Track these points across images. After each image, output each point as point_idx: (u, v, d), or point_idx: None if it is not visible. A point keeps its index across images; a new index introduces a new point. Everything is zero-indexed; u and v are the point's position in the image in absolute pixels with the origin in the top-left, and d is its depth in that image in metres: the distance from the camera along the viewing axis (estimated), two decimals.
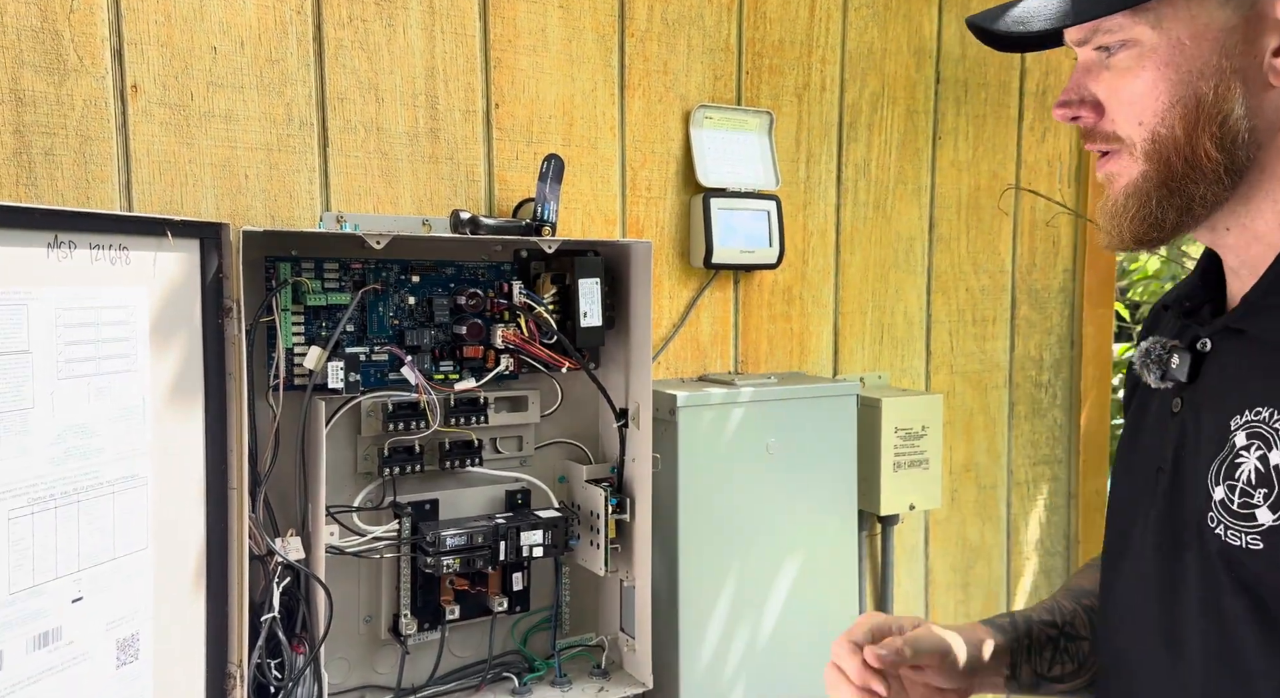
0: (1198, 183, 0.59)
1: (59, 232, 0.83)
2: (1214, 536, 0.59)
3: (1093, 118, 0.63)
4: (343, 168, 1.18)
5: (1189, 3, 0.56)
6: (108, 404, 0.88)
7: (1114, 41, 0.59)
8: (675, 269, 1.48)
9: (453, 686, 1.20)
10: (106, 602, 0.88)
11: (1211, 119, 0.57)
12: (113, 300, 0.89)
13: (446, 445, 1.20)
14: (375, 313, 1.14)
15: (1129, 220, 0.61)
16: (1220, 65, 0.56)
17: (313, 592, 1.05)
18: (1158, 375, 0.67)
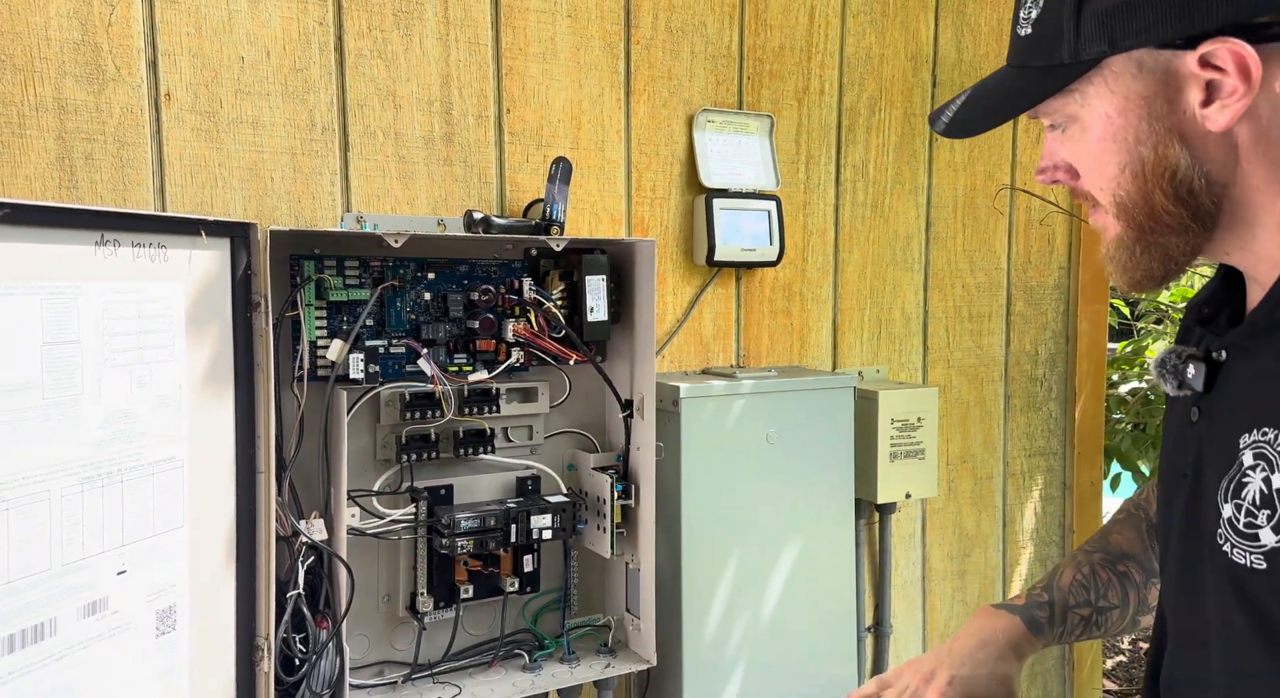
0: (1166, 235, 0.61)
1: (105, 231, 0.90)
2: (1222, 553, 0.61)
3: (1071, 180, 0.66)
4: (362, 171, 1.25)
5: (1107, 79, 0.60)
6: (148, 392, 0.94)
7: (1058, 120, 0.64)
8: (679, 267, 1.54)
9: (467, 662, 1.27)
10: (148, 575, 0.95)
11: (1160, 178, 0.60)
12: (153, 295, 0.95)
13: (460, 434, 1.26)
14: (393, 308, 1.21)
15: (1122, 269, 0.65)
16: (1154, 128, 0.59)
17: (335, 570, 1.11)
18: (1174, 385, 0.68)
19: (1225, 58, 0.56)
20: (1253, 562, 0.58)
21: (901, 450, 1.64)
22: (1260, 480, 0.57)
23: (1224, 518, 0.60)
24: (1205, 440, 0.64)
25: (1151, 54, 0.58)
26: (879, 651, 1.73)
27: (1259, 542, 0.57)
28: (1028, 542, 1.96)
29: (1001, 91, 0.65)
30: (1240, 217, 0.61)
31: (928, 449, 1.66)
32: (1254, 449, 0.59)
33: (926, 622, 1.84)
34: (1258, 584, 0.58)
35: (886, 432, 1.62)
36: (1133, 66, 0.59)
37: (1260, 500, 0.57)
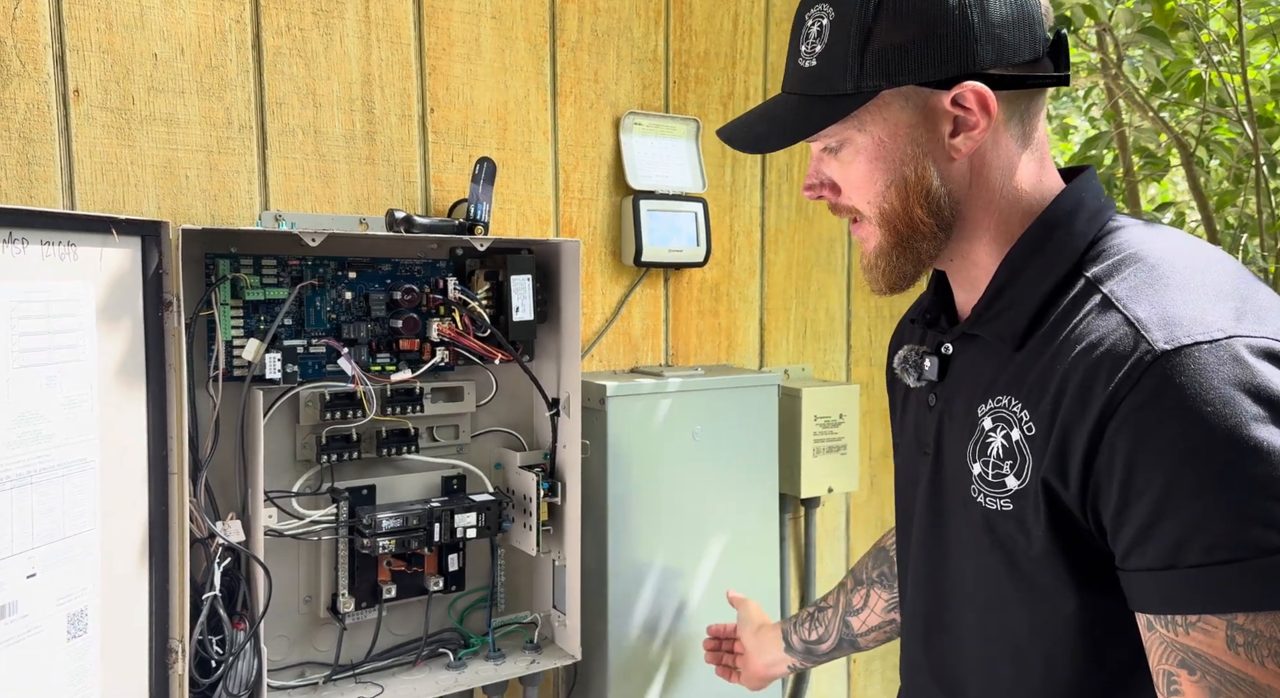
0: (920, 242, 0.74)
1: (12, 228, 0.88)
2: (976, 504, 0.72)
3: (833, 196, 0.77)
4: (281, 169, 1.24)
5: (882, 109, 0.71)
6: (58, 393, 0.93)
7: (834, 142, 0.74)
8: (607, 267, 1.56)
9: (390, 661, 1.27)
10: (58, 578, 0.93)
11: (918, 194, 0.72)
12: (62, 295, 0.93)
13: (384, 434, 1.26)
14: (313, 307, 1.20)
15: (881, 274, 0.76)
16: (914, 152, 0.71)
17: (252, 572, 1.11)
18: (915, 377, 0.81)
19: (970, 98, 0.69)
20: (1001, 506, 0.70)
21: (824, 446, 1.69)
22: (1001, 438, 0.70)
23: (974, 475, 0.72)
24: (944, 418, 0.77)
25: (916, 91, 0.70)
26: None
27: (1005, 488, 0.69)
28: None
29: (791, 116, 0.74)
30: (966, 230, 0.74)
31: (849, 445, 1.71)
32: (992, 415, 0.71)
33: None
34: (1005, 522, 0.70)
35: (810, 428, 1.67)
36: (900, 99, 0.71)
37: (1004, 454, 0.69)
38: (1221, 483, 0.55)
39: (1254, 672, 0.54)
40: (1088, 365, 0.63)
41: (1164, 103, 2.27)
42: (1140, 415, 0.59)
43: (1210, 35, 2.26)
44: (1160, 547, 0.58)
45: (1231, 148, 2.26)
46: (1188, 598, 0.57)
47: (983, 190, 0.73)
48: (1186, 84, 2.21)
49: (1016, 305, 0.71)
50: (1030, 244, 0.72)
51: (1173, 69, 2.16)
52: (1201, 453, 0.56)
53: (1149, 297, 0.63)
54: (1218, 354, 0.58)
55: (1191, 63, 2.17)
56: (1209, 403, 0.56)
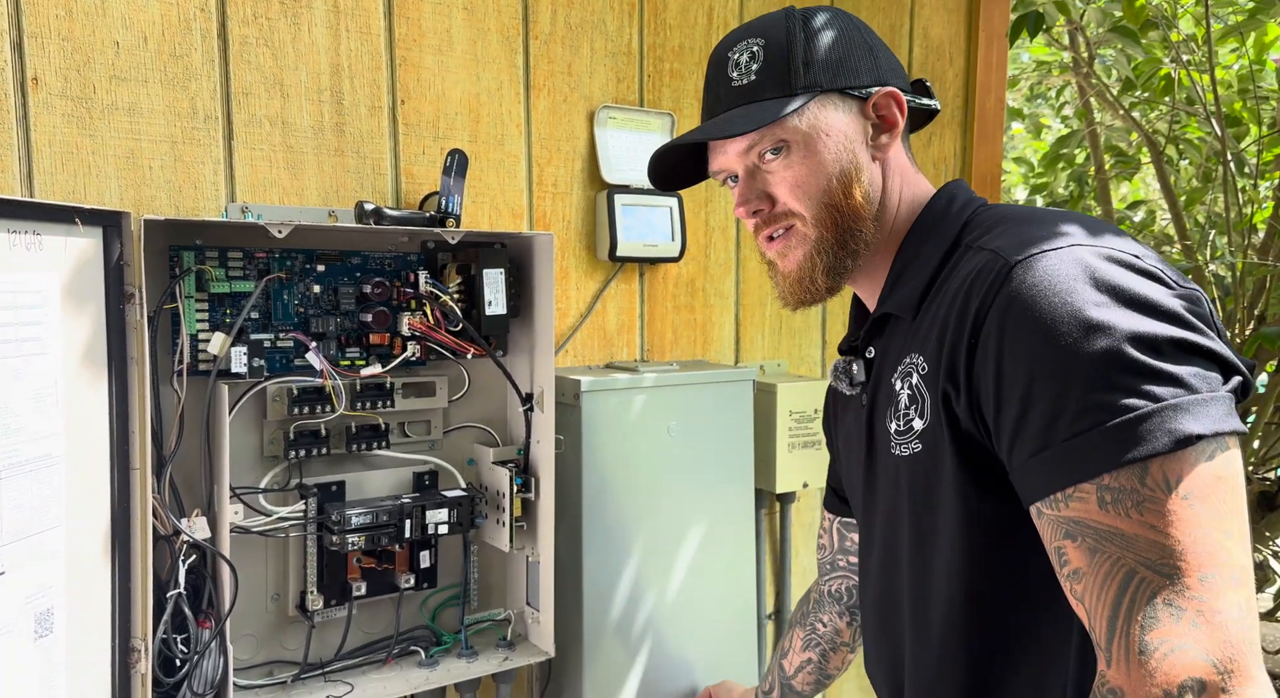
0: (861, 228, 0.82)
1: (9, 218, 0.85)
2: (893, 457, 0.79)
3: (768, 207, 0.84)
4: (248, 160, 1.22)
5: (822, 109, 0.82)
6: (24, 386, 0.90)
7: (771, 145, 0.82)
8: (582, 262, 1.55)
9: (360, 660, 1.25)
10: (26, 577, 0.91)
11: (859, 181, 0.82)
12: (28, 285, 0.91)
13: (353, 429, 1.24)
14: (280, 301, 1.18)
15: (820, 275, 0.83)
16: (850, 147, 0.82)
17: (218, 569, 1.09)
18: (847, 383, 0.89)
19: (887, 102, 0.83)
20: (913, 449, 0.76)
21: (799, 441, 1.69)
22: (907, 388, 0.77)
23: (890, 433, 0.80)
24: (873, 409, 0.85)
25: (844, 97, 0.82)
26: (779, 637, 1.78)
27: (913, 430, 0.76)
28: None
29: (736, 119, 0.81)
30: (881, 218, 0.84)
31: (823, 440, 1.71)
32: (900, 377, 0.79)
33: None
34: (918, 464, 0.76)
35: (785, 423, 1.67)
36: (834, 102, 0.82)
37: (909, 401, 0.76)
38: (1073, 361, 0.61)
39: (1121, 524, 0.59)
40: (962, 294, 0.71)
41: (1135, 102, 2.30)
42: (1002, 318, 0.66)
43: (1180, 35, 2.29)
44: (1033, 434, 0.63)
45: (1200, 146, 2.29)
46: (1061, 473, 0.62)
47: (888, 194, 0.84)
48: (1156, 83, 2.24)
49: (911, 282, 0.81)
50: (918, 234, 0.83)
51: (1143, 68, 2.19)
52: (1052, 338, 0.62)
53: (1009, 232, 0.72)
54: (1062, 257, 0.65)
55: (1161, 62, 2.19)
56: (1055, 294, 0.63)
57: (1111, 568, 0.60)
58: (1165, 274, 0.66)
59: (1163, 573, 0.57)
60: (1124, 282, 0.63)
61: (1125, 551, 0.59)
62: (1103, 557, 0.60)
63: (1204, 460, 0.58)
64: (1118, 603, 0.59)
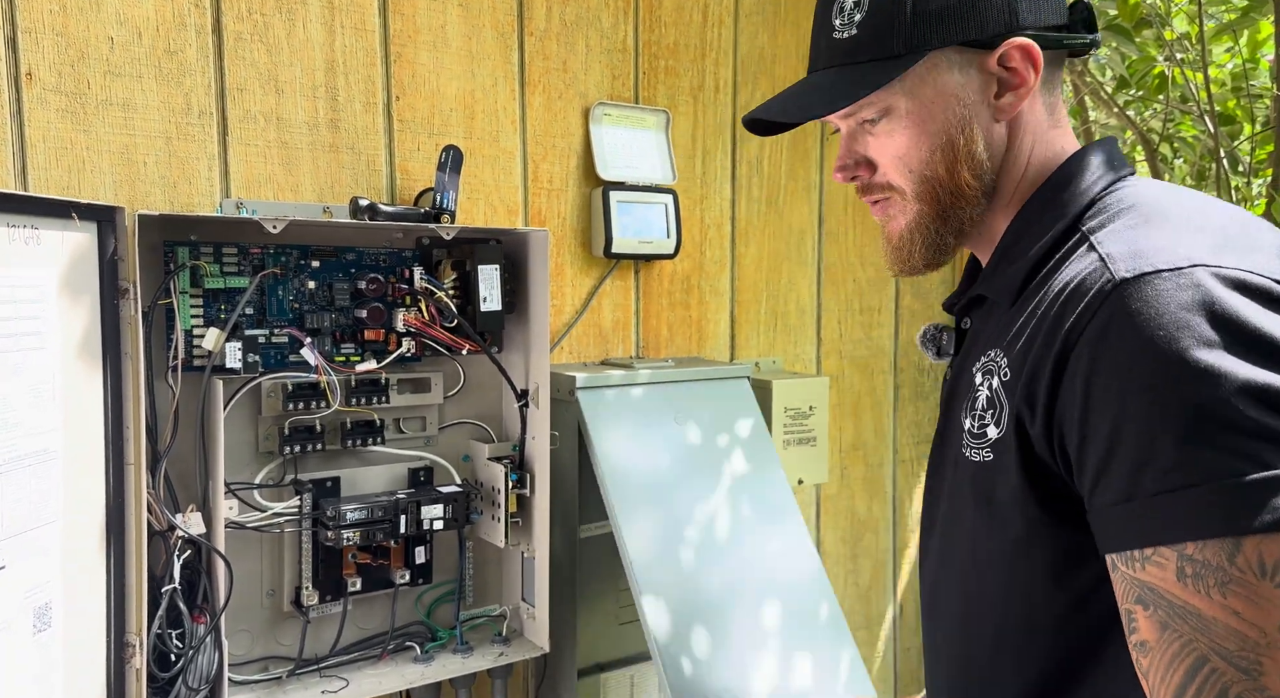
0: (964, 208, 0.73)
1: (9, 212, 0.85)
2: (965, 459, 0.70)
3: (868, 174, 0.76)
4: (243, 156, 1.22)
5: (928, 72, 0.71)
6: (22, 380, 0.90)
7: (873, 114, 0.73)
8: (577, 258, 1.56)
9: (355, 655, 1.25)
10: (24, 572, 0.91)
11: (966, 156, 0.71)
12: (26, 279, 0.91)
13: (348, 425, 1.24)
14: (275, 296, 1.18)
15: (918, 250, 0.75)
16: (962, 114, 0.71)
17: (213, 564, 1.09)
18: (934, 352, 0.82)
19: (1017, 56, 0.69)
20: (984, 456, 0.68)
21: (794, 438, 1.69)
22: (986, 389, 0.68)
23: (965, 430, 0.71)
24: (953, 393, 0.76)
25: (961, 51, 0.70)
26: None
27: (987, 437, 0.68)
28: (916, 526, 2.05)
29: (835, 84, 0.72)
30: (996, 198, 0.74)
31: (819, 436, 1.72)
32: (982, 370, 0.70)
33: None
34: (987, 474, 0.68)
35: (780, 420, 1.67)
36: (945, 62, 0.70)
37: (987, 404, 0.68)
38: (1171, 406, 0.53)
39: (1199, 603, 0.52)
40: (1058, 303, 0.62)
41: (1129, 100, 2.31)
42: (1096, 346, 0.58)
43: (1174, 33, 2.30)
44: (1117, 479, 0.56)
45: (1194, 144, 2.30)
46: (1141, 530, 0.55)
47: (1015, 155, 0.73)
48: (1150, 81, 2.25)
49: (1016, 263, 0.71)
50: (1036, 205, 0.72)
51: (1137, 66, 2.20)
52: (1150, 377, 0.54)
53: (1126, 235, 0.62)
54: (1178, 281, 0.56)
55: (1155, 60, 2.20)
56: (1161, 328, 0.54)
57: (1181, 650, 0.53)
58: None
59: (1239, 667, 0.50)
60: (1249, 318, 0.54)
61: (1199, 633, 0.52)
62: (1173, 634, 0.53)
63: None
64: (1182, 690, 0.53)
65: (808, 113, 0.74)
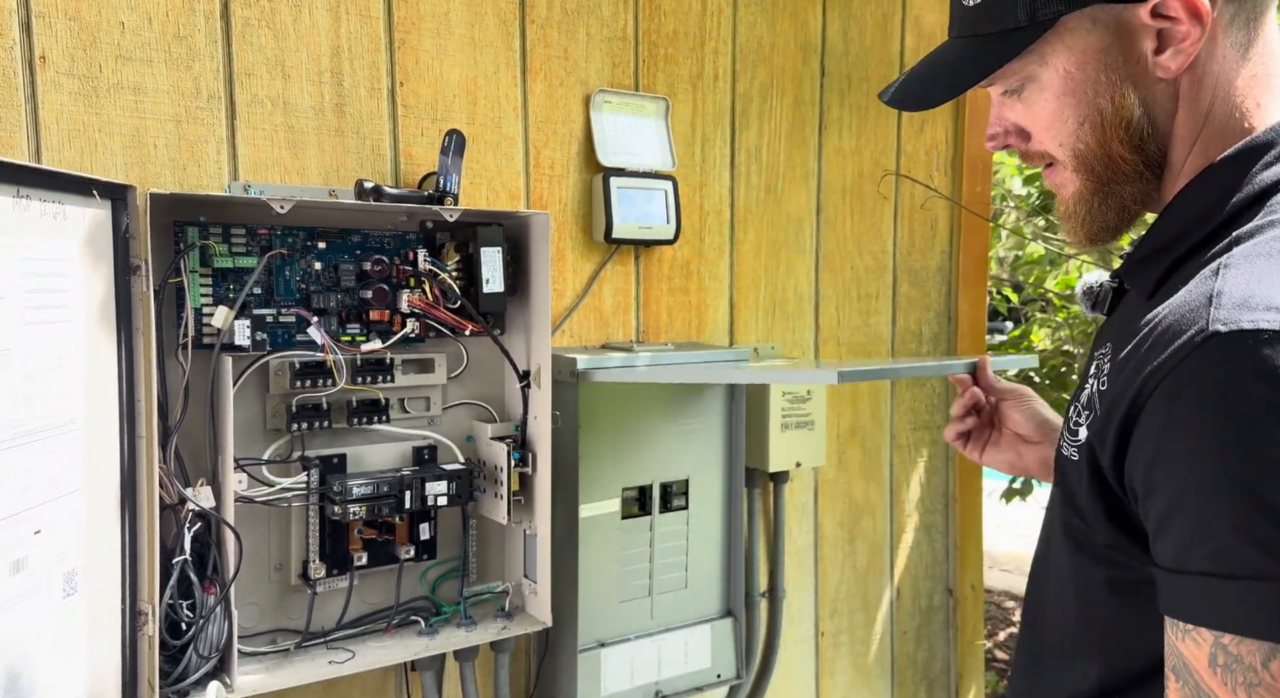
0: (1123, 184, 0.65)
1: (20, 185, 0.87)
2: (1060, 449, 0.67)
3: (1021, 143, 0.69)
4: (250, 140, 1.25)
5: (1064, 37, 0.62)
6: (52, 353, 0.93)
7: (1014, 83, 0.66)
8: (578, 243, 1.58)
9: (361, 629, 1.28)
10: (56, 537, 0.94)
11: (1117, 127, 0.63)
12: (55, 253, 0.94)
13: (354, 404, 1.27)
14: (282, 277, 1.21)
15: (1081, 224, 0.68)
16: (1110, 79, 0.62)
17: (222, 536, 1.11)
18: (1089, 306, 0.75)
19: (1176, 6, 0.59)
20: (1071, 454, 0.64)
21: (792, 421, 1.72)
22: (1091, 387, 0.62)
23: (1069, 416, 0.66)
24: (1089, 354, 0.70)
25: (1104, 9, 0.61)
26: (773, 614, 1.81)
27: (1078, 437, 0.63)
28: (913, 510, 2.08)
29: (959, 61, 0.67)
30: (1170, 164, 0.65)
31: (817, 420, 1.74)
32: (1095, 362, 0.64)
33: (819, 586, 1.93)
34: (1072, 470, 0.64)
35: (778, 404, 1.70)
36: (1087, 22, 0.62)
37: (1086, 403, 0.62)
38: (1231, 493, 0.49)
39: (1223, 695, 0.50)
40: (1158, 333, 0.55)
41: None
42: (1172, 403, 0.52)
43: None
44: (1170, 546, 0.53)
45: None
46: (1184, 605, 0.53)
47: (1191, 115, 0.62)
48: None
49: (1161, 254, 0.63)
50: (1206, 182, 0.61)
51: None
52: (1218, 457, 0.50)
53: (1255, 268, 0.53)
54: (1275, 347, 0.49)
55: None
56: (1242, 401, 0.49)
57: None
58: None
59: None
60: None
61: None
62: None
63: None
64: None
65: (928, 100, 0.69)
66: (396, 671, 1.42)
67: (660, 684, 1.52)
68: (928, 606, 2.11)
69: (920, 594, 2.10)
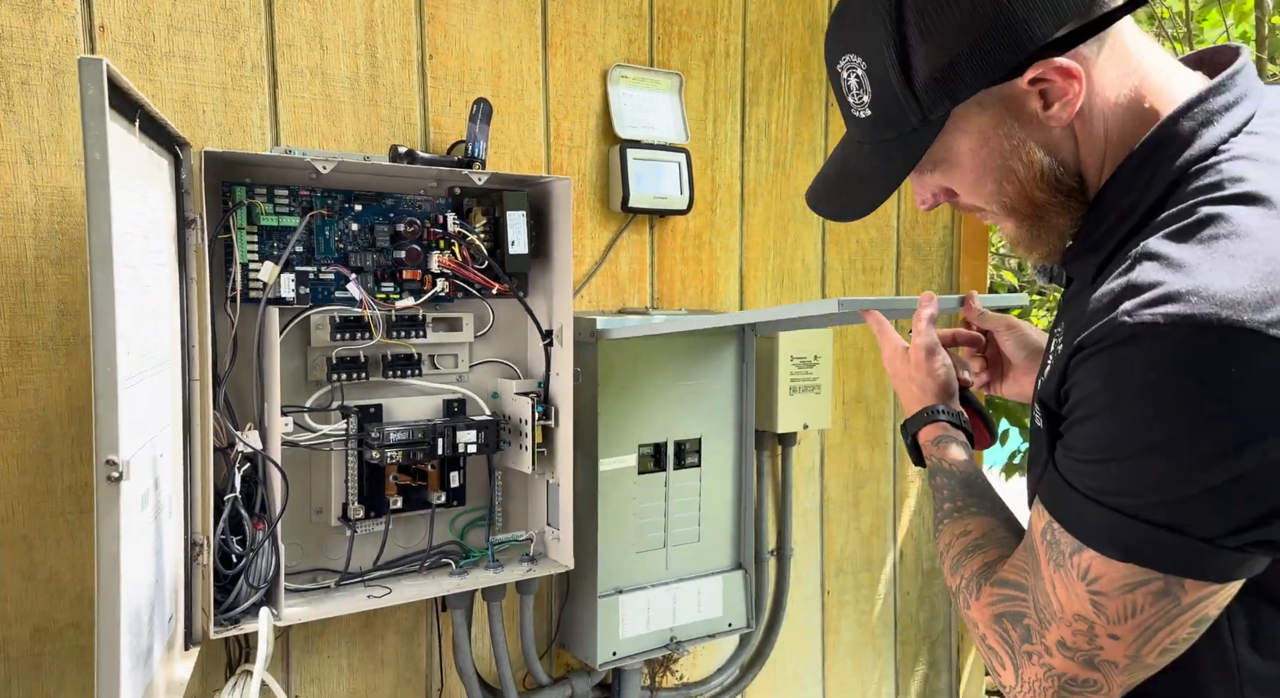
0: (1052, 217, 0.71)
1: (134, 123, 0.92)
2: (1032, 424, 0.74)
3: (951, 198, 0.75)
4: (291, 107, 1.32)
5: (960, 125, 0.68)
6: (154, 295, 0.98)
7: (929, 167, 0.72)
8: (596, 213, 1.65)
9: (396, 570, 1.36)
10: (167, 463, 1.01)
11: (1032, 178, 0.68)
12: (157, 201, 1.00)
13: (389, 358, 1.35)
14: (322, 237, 1.28)
15: (1027, 251, 0.74)
16: (1013, 144, 0.67)
17: (270, 476, 1.19)
18: (1044, 279, 0.82)
19: (1048, 71, 0.64)
20: (1039, 424, 0.70)
21: (800, 385, 1.79)
22: (1050, 363, 0.69)
23: (1037, 386, 0.73)
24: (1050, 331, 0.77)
25: (986, 92, 0.66)
26: (781, 571, 1.89)
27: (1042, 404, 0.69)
28: (916, 477, 2.15)
29: (873, 170, 0.73)
30: (1088, 181, 0.71)
31: (823, 385, 1.81)
32: (1053, 339, 0.72)
33: (825, 547, 2.01)
34: (1037, 437, 0.70)
35: (786, 369, 1.77)
36: (975, 107, 0.67)
37: (1048, 377, 0.67)
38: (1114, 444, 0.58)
39: (1042, 560, 0.63)
40: (1088, 316, 0.60)
41: None
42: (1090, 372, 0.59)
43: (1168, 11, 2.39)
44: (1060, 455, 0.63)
45: None
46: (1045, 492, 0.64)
47: (1092, 145, 0.68)
48: None
49: (1092, 253, 0.69)
50: (1120, 184, 0.66)
51: None
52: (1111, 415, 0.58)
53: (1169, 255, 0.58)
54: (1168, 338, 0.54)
55: None
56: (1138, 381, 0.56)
57: (1021, 568, 0.65)
58: None
59: (1039, 616, 0.62)
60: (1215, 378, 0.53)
61: (1033, 575, 0.64)
62: (1026, 555, 0.65)
63: (1141, 588, 0.57)
64: (1005, 591, 0.66)
65: (858, 209, 0.74)
66: (428, 611, 1.49)
67: (675, 631, 1.60)
68: (930, 568, 2.19)
69: (923, 557, 2.18)
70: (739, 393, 1.68)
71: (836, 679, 2.05)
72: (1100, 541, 0.58)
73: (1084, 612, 0.60)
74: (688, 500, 1.63)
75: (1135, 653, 0.59)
